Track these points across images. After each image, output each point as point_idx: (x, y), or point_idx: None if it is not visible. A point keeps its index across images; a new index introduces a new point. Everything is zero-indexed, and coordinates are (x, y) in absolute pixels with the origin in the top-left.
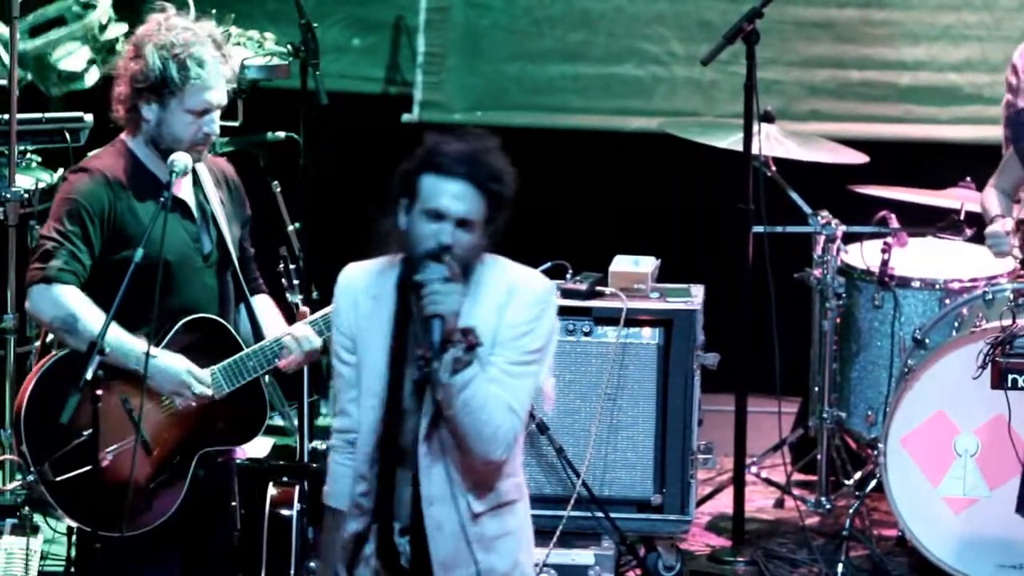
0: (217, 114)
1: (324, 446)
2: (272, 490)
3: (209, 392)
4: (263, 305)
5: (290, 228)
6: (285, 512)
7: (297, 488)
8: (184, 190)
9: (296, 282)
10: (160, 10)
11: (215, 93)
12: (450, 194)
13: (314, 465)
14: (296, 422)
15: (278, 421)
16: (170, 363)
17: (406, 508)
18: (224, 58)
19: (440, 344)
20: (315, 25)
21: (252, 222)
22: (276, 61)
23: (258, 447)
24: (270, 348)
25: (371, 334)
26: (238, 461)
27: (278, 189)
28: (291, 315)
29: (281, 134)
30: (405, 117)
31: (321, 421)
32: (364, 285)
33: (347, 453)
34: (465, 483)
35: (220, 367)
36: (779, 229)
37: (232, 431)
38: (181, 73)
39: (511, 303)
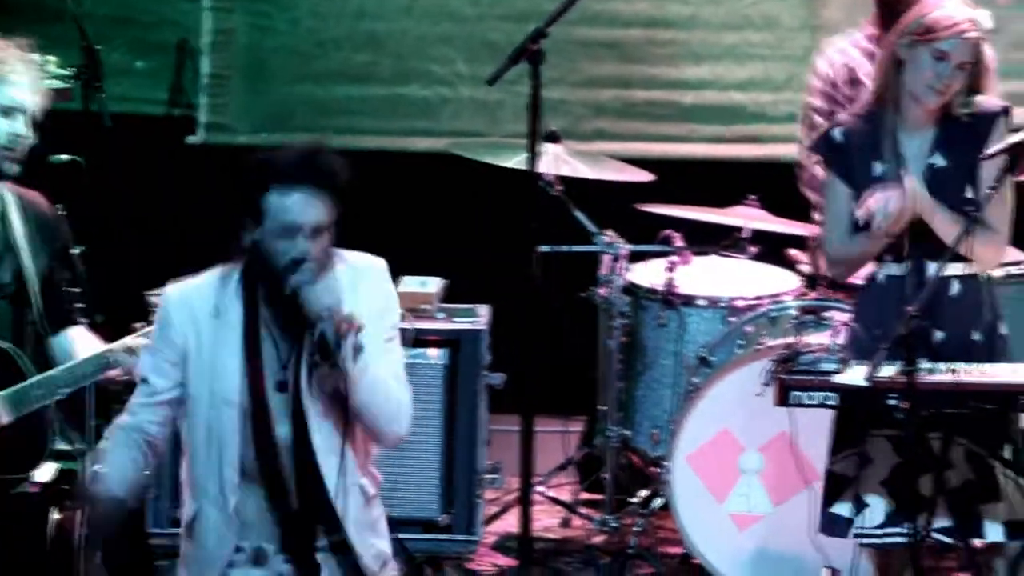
0: (24, 119)
1: None
2: (55, 515)
3: None
4: (75, 336)
5: (74, 252)
6: (68, 537)
7: (80, 513)
8: None
9: (80, 306)
10: None
11: (20, 92)
12: (297, 206)
13: None
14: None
15: (62, 445)
16: None
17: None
18: (29, 64)
19: (336, 337)
20: (98, 48)
21: None
22: (59, 84)
23: (43, 472)
24: (62, 375)
25: (219, 348)
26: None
27: (62, 212)
28: None
29: (64, 157)
30: (190, 139)
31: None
32: (200, 301)
33: (125, 443)
34: (357, 470)
35: (0, 396)
36: (564, 248)
37: (11, 461)
38: None
39: (361, 285)
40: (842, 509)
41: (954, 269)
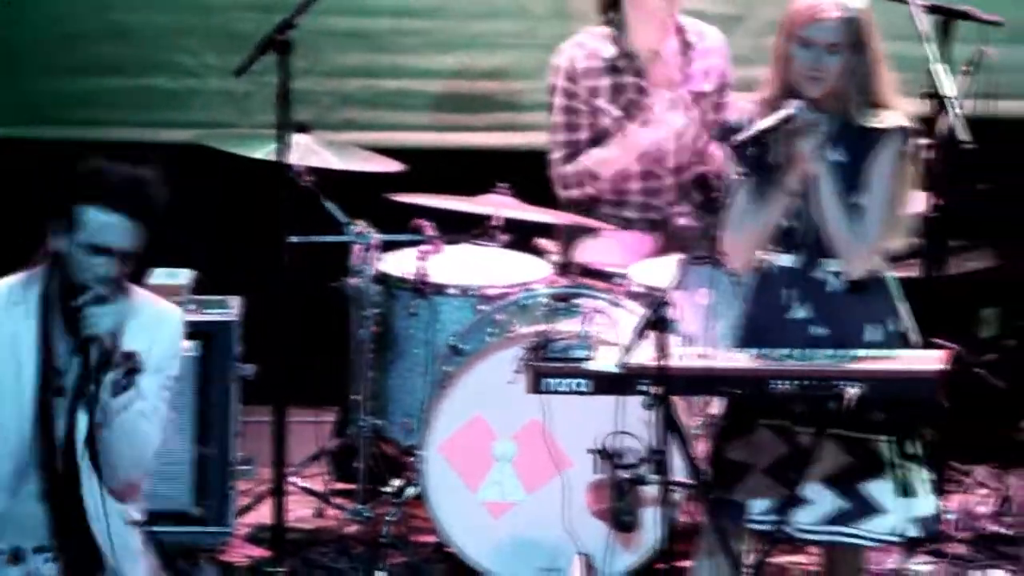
0: None
1: None
2: None
3: None
4: None
5: None
6: None
7: None
8: None
9: None
10: None
11: None
12: (114, 230)
13: None
14: None
15: None
16: None
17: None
18: None
19: (97, 366)
20: None
21: None
22: None
23: None
24: None
25: (10, 349)
26: None
27: None
28: None
29: None
30: None
31: None
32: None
33: None
34: (115, 496)
35: None
36: (315, 239)
37: None
38: None
39: (160, 329)
40: (739, 496)
41: (836, 265)
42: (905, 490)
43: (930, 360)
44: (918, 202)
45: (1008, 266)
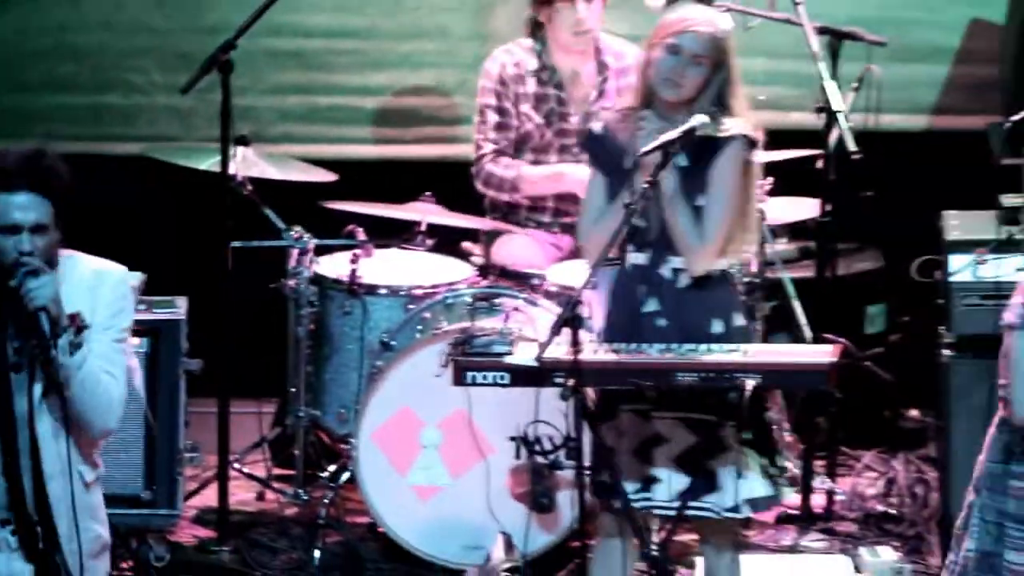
0: None
1: None
2: None
3: None
4: None
5: None
6: None
7: None
8: None
9: None
10: None
11: None
12: (17, 207)
13: None
14: None
15: None
16: None
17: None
18: None
19: (51, 333)
20: None
21: None
22: None
23: None
24: None
25: None
26: None
27: None
28: None
29: None
30: None
31: None
32: None
33: None
34: (76, 456)
35: None
36: (255, 244)
37: None
38: None
39: (101, 286)
40: (609, 477)
41: (679, 262)
42: (738, 472)
43: (822, 354)
44: (764, 207)
45: (892, 267)
